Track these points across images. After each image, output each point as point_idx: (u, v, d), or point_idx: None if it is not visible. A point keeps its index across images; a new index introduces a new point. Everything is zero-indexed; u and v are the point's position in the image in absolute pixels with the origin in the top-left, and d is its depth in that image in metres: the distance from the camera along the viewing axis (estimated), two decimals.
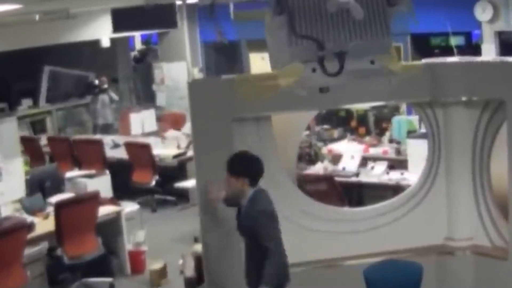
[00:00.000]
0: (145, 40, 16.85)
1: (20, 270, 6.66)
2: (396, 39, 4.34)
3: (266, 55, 4.55)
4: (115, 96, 13.56)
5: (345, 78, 4.06)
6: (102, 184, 8.34)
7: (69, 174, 8.99)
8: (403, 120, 9.36)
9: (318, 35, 3.96)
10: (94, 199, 7.48)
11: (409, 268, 4.91)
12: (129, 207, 8.45)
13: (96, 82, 13.52)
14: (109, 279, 7.50)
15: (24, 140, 11.18)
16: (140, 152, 10.54)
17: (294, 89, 4.32)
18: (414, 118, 9.16)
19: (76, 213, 7.20)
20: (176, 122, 12.28)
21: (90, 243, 7.29)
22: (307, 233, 6.19)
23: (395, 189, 7.74)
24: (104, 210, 7.70)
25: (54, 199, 7.77)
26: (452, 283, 6.14)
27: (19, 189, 7.91)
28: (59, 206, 7.16)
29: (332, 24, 3.99)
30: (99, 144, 11.02)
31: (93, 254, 7.28)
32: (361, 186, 8.56)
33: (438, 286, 6.14)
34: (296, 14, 3.97)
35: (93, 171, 9.04)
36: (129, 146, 10.75)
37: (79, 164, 10.79)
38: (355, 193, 8.65)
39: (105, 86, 13.42)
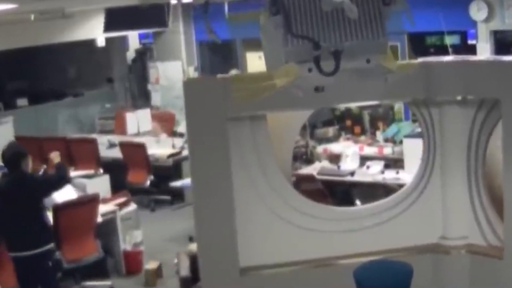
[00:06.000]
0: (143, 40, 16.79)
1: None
2: (393, 38, 4.33)
3: (262, 54, 4.54)
4: None
5: (341, 77, 4.06)
6: (101, 185, 8.32)
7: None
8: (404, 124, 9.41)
9: (314, 34, 3.96)
10: (93, 202, 7.44)
11: (399, 268, 4.88)
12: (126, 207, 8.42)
13: None
14: (108, 283, 7.50)
15: (18, 140, 11.09)
16: (134, 152, 10.49)
17: (290, 89, 4.32)
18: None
19: (75, 216, 7.15)
20: (167, 122, 12.23)
21: (89, 246, 7.24)
22: (303, 232, 6.17)
23: (390, 188, 7.73)
24: (100, 211, 7.65)
25: None
26: (447, 282, 6.14)
27: None
28: (57, 209, 7.09)
29: (328, 24, 3.99)
30: (93, 143, 10.94)
31: (93, 257, 7.24)
32: (355, 185, 8.55)
33: (433, 285, 6.13)
34: (292, 14, 3.97)
35: (88, 171, 8.98)
36: (124, 146, 10.70)
37: (73, 164, 10.72)
38: (350, 192, 8.64)
39: None
